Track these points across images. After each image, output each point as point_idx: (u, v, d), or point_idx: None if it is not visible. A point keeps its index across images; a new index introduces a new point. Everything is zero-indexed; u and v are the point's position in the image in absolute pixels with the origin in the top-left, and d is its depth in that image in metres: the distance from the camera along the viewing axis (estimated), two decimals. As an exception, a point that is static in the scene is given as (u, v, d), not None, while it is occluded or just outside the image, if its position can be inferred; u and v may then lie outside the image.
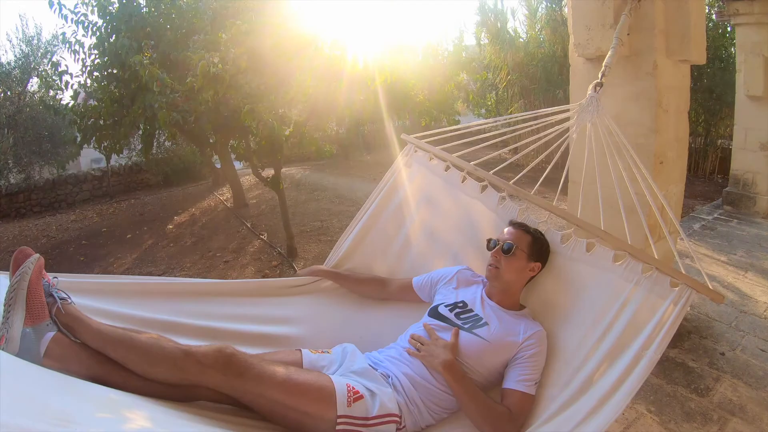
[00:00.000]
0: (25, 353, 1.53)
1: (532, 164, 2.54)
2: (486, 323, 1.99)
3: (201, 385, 1.65)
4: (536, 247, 2.06)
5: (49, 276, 1.76)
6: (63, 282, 1.80)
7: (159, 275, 6.14)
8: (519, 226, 2.11)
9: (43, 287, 1.68)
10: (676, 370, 3.18)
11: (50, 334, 1.61)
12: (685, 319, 3.67)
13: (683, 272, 1.73)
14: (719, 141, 8.74)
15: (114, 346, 1.64)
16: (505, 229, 2.13)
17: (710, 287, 1.72)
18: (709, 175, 8.71)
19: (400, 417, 1.79)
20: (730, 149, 6.99)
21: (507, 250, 2.03)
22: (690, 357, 3.31)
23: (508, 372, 1.89)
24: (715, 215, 6.36)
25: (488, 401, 1.79)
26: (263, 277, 5.71)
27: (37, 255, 1.71)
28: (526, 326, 1.97)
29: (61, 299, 1.70)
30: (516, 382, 1.83)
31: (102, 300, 1.96)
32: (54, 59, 6.78)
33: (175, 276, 6.08)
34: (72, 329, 1.67)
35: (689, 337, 3.55)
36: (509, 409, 1.76)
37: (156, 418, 1.45)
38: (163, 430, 1.37)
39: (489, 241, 2.13)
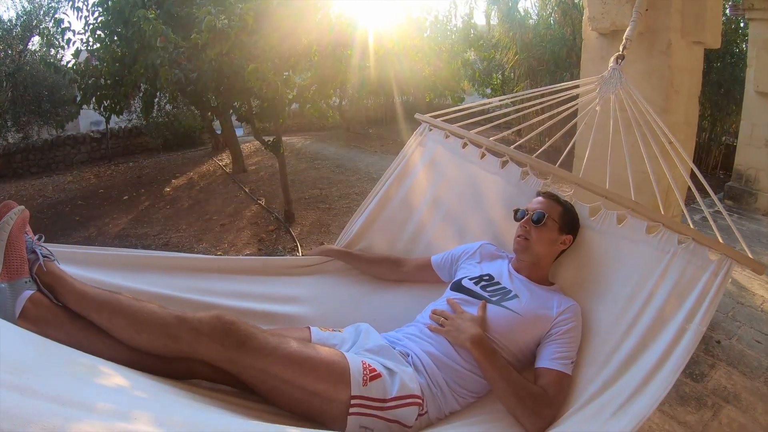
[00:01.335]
0: None
1: (552, 140, 2.48)
2: (516, 296, 1.85)
3: (195, 357, 1.47)
4: (568, 219, 1.95)
5: (35, 235, 1.62)
6: (55, 252, 1.65)
7: (154, 236, 6.13)
8: (549, 196, 1.99)
9: (26, 243, 1.53)
10: (671, 353, 3.15)
11: (28, 293, 1.46)
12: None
13: (721, 242, 1.66)
14: (723, 137, 8.67)
15: (98, 310, 1.48)
16: (534, 199, 2.01)
17: (751, 257, 1.64)
18: (711, 170, 8.64)
19: (422, 400, 1.60)
20: (734, 146, 6.93)
21: (537, 220, 1.90)
22: (685, 342, 3.28)
23: (542, 350, 1.73)
24: (716, 209, 6.29)
25: (523, 381, 1.62)
26: (259, 241, 5.69)
27: (21, 207, 1.54)
28: (560, 300, 1.82)
29: (44, 257, 1.55)
30: (551, 360, 1.67)
31: (92, 269, 1.81)
32: (56, 16, 6.66)
33: (170, 237, 6.06)
34: (53, 290, 1.52)
35: (685, 323, 3.52)
36: (545, 391, 1.59)
37: (135, 383, 1.28)
38: (141, 393, 1.21)
39: (516, 211, 2.01)
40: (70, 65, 6.98)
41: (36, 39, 11.05)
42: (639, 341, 1.60)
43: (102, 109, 7.09)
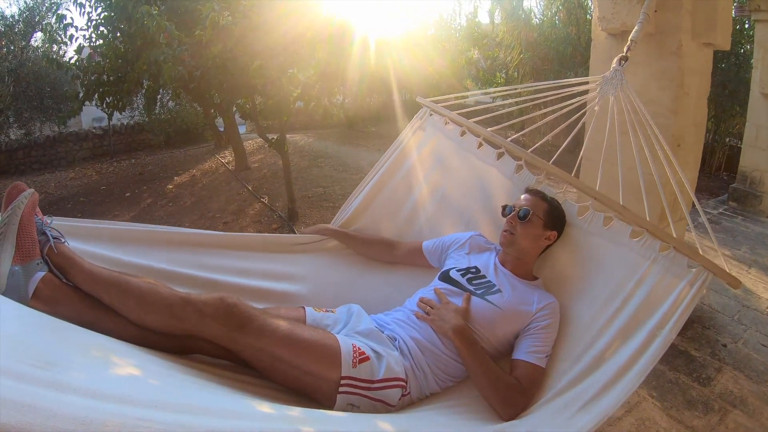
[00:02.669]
0: (11, 292, 1.44)
1: (551, 134, 2.47)
2: (499, 290, 1.92)
3: (199, 336, 1.56)
4: (553, 216, 2.00)
5: (45, 216, 1.65)
6: (59, 225, 1.71)
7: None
8: (536, 193, 2.04)
9: (36, 225, 1.58)
10: (678, 357, 3.15)
11: (40, 274, 1.51)
12: (688, 308, 3.65)
13: (701, 253, 1.68)
14: (727, 139, 8.66)
15: (107, 290, 1.55)
16: (522, 196, 2.07)
17: (727, 271, 1.66)
18: (715, 172, 8.64)
19: (406, 382, 1.70)
20: (738, 147, 6.91)
21: (523, 217, 1.96)
22: (692, 346, 3.28)
23: (519, 343, 1.81)
24: (720, 210, 6.29)
25: (499, 371, 1.70)
26: (263, 240, 5.64)
27: (31, 190, 1.60)
28: (540, 297, 1.90)
29: (54, 238, 1.60)
30: (527, 353, 1.75)
31: (97, 245, 1.87)
32: (59, 12, 6.65)
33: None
34: (64, 270, 1.58)
35: (692, 326, 3.51)
36: (519, 381, 1.68)
37: (146, 367, 1.35)
38: (154, 380, 1.26)
39: (504, 207, 2.07)
40: (72, 61, 6.96)
41: (38, 35, 11.05)
42: (611, 341, 1.65)
43: (104, 106, 7.09)
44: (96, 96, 6.86)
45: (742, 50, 8.23)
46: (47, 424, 0.81)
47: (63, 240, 1.65)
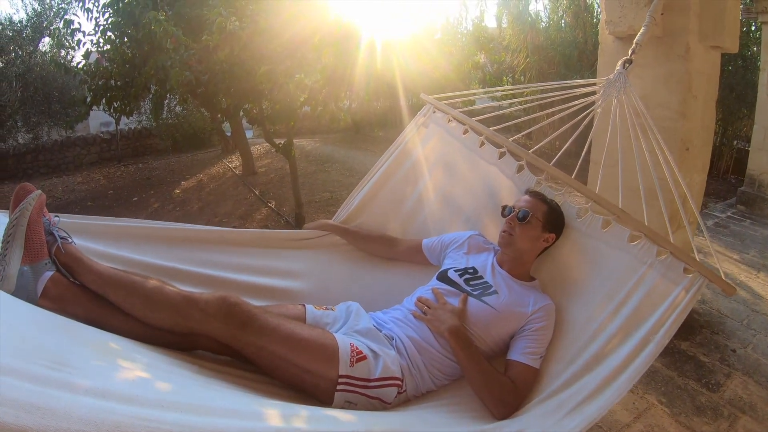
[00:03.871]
0: (20, 292, 1.49)
1: (554, 134, 2.47)
2: (495, 291, 1.96)
3: (202, 333, 1.61)
4: (552, 218, 2.02)
5: (51, 214, 1.70)
6: (64, 222, 1.76)
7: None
8: (536, 195, 2.07)
9: (44, 225, 1.63)
10: (687, 363, 3.13)
11: (48, 274, 1.57)
12: (697, 313, 3.64)
13: (698, 260, 1.69)
14: (735, 142, 8.61)
15: (114, 289, 1.60)
16: (522, 197, 2.08)
17: (723, 278, 1.68)
18: (722, 175, 8.59)
19: (402, 381, 1.74)
20: (746, 150, 6.87)
21: (522, 218, 1.99)
22: (701, 351, 3.25)
23: (514, 343, 1.85)
24: (729, 214, 6.26)
25: (493, 371, 1.73)
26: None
27: (39, 191, 1.65)
28: (536, 298, 1.92)
29: (61, 238, 1.65)
30: (521, 354, 1.78)
31: (103, 242, 1.93)
32: (66, 17, 6.68)
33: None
34: (71, 270, 1.63)
35: (701, 331, 3.49)
36: (513, 381, 1.72)
37: (153, 365, 1.40)
38: (160, 380, 1.29)
39: (504, 207, 2.09)
40: (80, 66, 7.00)
41: (46, 40, 11.13)
42: (605, 344, 1.67)
43: (112, 110, 7.12)
44: (103, 101, 6.89)
45: (748, 53, 8.19)
46: (62, 426, 0.84)
47: (70, 240, 1.70)
